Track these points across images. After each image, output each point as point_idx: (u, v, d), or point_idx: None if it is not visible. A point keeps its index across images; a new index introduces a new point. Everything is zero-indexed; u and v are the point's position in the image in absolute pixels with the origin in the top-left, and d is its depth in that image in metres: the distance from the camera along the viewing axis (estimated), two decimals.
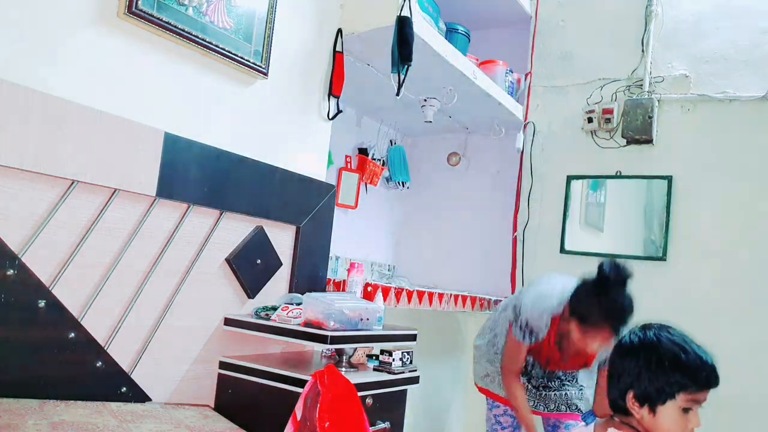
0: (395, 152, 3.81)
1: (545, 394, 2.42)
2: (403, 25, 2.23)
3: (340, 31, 2.47)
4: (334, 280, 2.43)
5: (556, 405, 2.41)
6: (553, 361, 2.30)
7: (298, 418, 1.51)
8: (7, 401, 1.41)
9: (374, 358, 2.14)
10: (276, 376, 1.82)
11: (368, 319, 1.92)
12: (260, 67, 2.09)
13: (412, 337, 2.11)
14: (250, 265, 2.07)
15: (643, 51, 3.21)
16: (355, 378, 1.80)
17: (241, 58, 2.01)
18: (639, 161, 3.16)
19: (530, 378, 2.43)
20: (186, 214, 1.86)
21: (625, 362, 1.38)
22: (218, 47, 1.93)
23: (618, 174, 3.22)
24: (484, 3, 3.39)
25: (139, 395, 1.73)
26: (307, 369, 1.90)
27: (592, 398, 2.39)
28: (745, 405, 2.73)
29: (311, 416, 1.45)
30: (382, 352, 2.08)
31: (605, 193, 3.27)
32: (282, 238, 2.21)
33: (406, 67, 2.25)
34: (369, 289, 2.29)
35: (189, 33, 1.83)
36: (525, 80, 3.52)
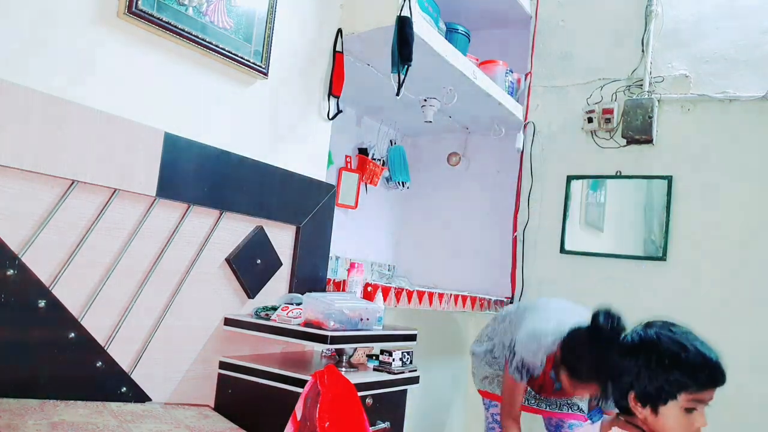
0: (395, 152, 3.81)
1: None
2: (403, 25, 2.23)
3: (340, 31, 2.47)
4: (334, 280, 2.43)
5: (558, 405, 2.42)
6: (546, 392, 2.30)
7: (298, 418, 1.51)
8: (7, 401, 1.41)
9: (374, 358, 2.14)
10: (276, 376, 1.82)
11: (368, 319, 1.92)
12: (260, 67, 2.09)
13: (412, 337, 2.11)
14: (250, 265, 2.07)
15: (643, 51, 3.21)
16: (355, 378, 1.80)
17: (241, 58, 2.01)
18: (639, 161, 3.16)
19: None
20: (186, 214, 1.86)
21: (626, 361, 1.35)
22: (218, 47, 1.93)
23: (618, 174, 3.22)
24: (484, 3, 3.39)
25: (139, 395, 1.73)
26: (307, 369, 1.90)
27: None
28: (746, 405, 2.72)
29: (311, 416, 1.45)
30: (382, 352, 2.08)
31: (605, 193, 3.27)
32: (282, 238, 2.21)
33: (406, 67, 2.25)
34: (369, 289, 2.29)
35: (189, 33, 1.84)
36: (525, 80, 3.52)
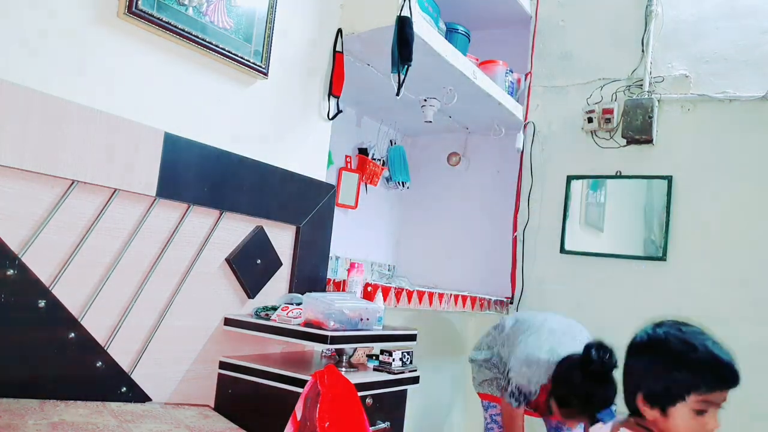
0: (395, 152, 3.82)
1: None
2: (403, 25, 2.23)
3: (340, 31, 2.47)
4: (334, 280, 2.43)
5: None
6: (541, 413, 2.32)
7: (298, 418, 1.51)
8: (7, 401, 1.41)
9: (374, 358, 2.14)
10: (276, 376, 1.82)
11: (368, 319, 1.92)
12: (260, 67, 2.09)
13: (412, 337, 2.11)
14: (250, 265, 2.07)
15: (643, 51, 3.21)
16: (355, 378, 1.80)
17: (241, 58, 2.01)
18: (639, 161, 3.16)
19: None
20: (186, 214, 1.86)
21: (634, 362, 1.31)
22: (218, 47, 1.93)
23: (618, 174, 3.22)
24: (484, 3, 3.39)
25: (139, 395, 1.73)
26: (307, 369, 1.90)
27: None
28: (746, 405, 2.71)
29: (311, 416, 1.45)
30: (382, 352, 2.08)
31: (605, 193, 3.27)
32: (282, 238, 2.21)
33: (406, 67, 2.25)
34: (369, 289, 2.29)
35: (189, 33, 1.83)
36: (525, 80, 3.52)
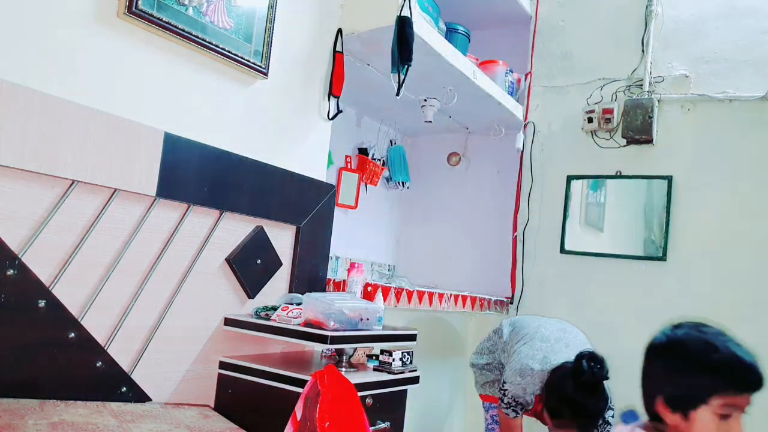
0: (395, 152, 3.82)
1: None
2: (403, 25, 2.23)
3: (340, 31, 2.47)
4: (334, 280, 2.43)
5: None
6: (541, 420, 2.32)
7: (298, 418, 1.51)
8: (7, 401, 1.41)
9: (374, 358, 2.14)
10: (276, 376, 1.82)
11: (368, 319, 1.92)
12: (260, 67, 2.09)
13: (412, 337, 2.11)
14: (250, 265, 2.07)
15: (643, 51, 3.21)
16: (355, 378, 1.80)
17: (241, 58, 2.01)
18: (639, 161, 3.16)
19: None
20: (186, 214, 1.86)
21: (652, 364, 1.25)
22: (218, 47, 1.93)
23: (618, 174, 3.22)
24: (484, 3, 3.39)
25: (139, 395, 1.73)
26: (307, 369, 1.90)
27: None
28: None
29: (311, 416, 1.45)
30: (382, 352, 2.08)
31: (605, 193, 3.27)
32: (282, 238, 2.21)
33: (406, 67, 2.25)
34: (369, 289, 2.29)
35: (189, 33, 1.83)
36: (525, 80, 3.52)
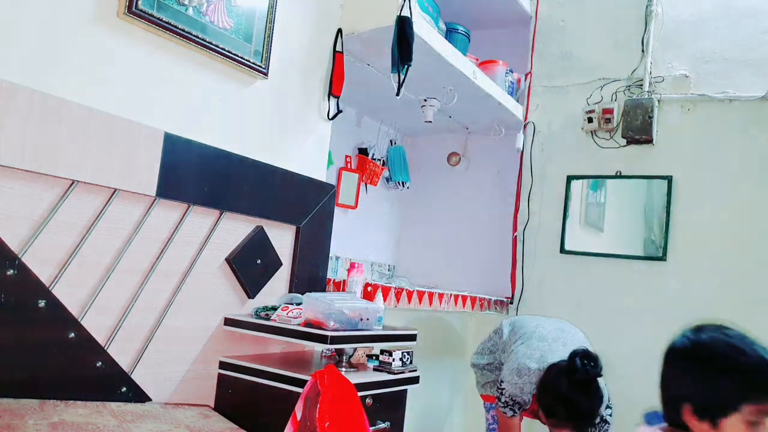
0: (395, 152, 3.82)
1: None
2: (403, 25, 2.23)
3: (340, 31, 2.47)
4: (334, 280, 2.43)
5: None
6: (538, 419, 2.32)
7: (298, 418, 1.51)
8: (7, 401, 1.41)
9: (374, 358, 2.14)
10: (276, 376, 1.82)
11: (368, 319, 1.92)
12: (260, 67, 2.09)
13: (412, 337, 2.11)
14: (250, 265, 2.07)
15: (643, 51, 3.21)
16: (355, 378, 1.80)
17: (241, 58, 2.01)
18: (639, 161, 3.16)
19: None
20: (186, 214, 1.86)
21: (677, 370, 1.21)
22: (218, 47, 1.93)
23: (618, 174, 3.22)
24: (484, 3, 3.39)
25: (139, 395, 1.73)
26: (307, 369, 1.90)
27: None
28: None
29: (311, 416, 1.45)
30: (382, 352, 2.08)
31: (605, 193, 3.27)
32: (282, 238, 2.21)
33: (406, 67, 2.25)
34: (369, 289, 2.29)
35: (189, 33, 1.83)
36: (525, 80, 3.52)
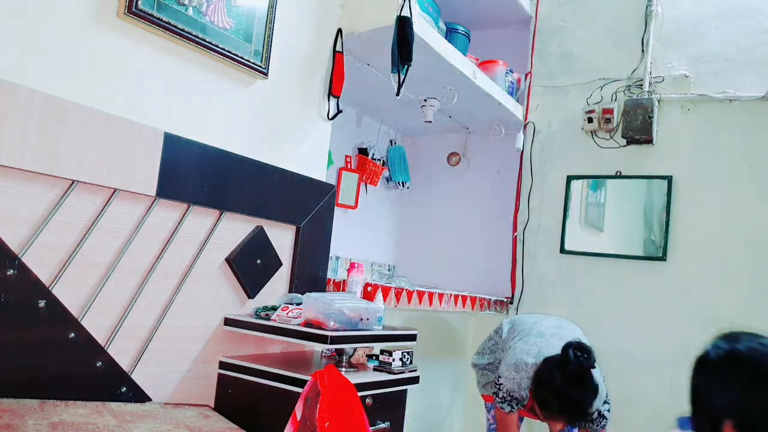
0: (395, 152, 3.82)
1: None
2: (403, 25, 2.23)
3: (340, 31, 2.47)
4: (334, 280, 2.43)
5: None
6: (535, 415, 2.31)
7: (298, 418, 1.51)
8: (7, 401, 1.41)
9: (374, 358, 2.14)
10: (276, 376, 1.82)
11: (368, 319, 1.92)
12: (260, 67, 2.09)
13: (412, 337, 2.11)
14: (250, 265, 2.07)
15: (643, 51, 3.21)
16: (355, 378, 1.80)
17: (241, 58, 2.01)
18: (639, 161, 3.16)
19: None
20: (186, 214, 1.86)
21: (713, 383, 1.13)
22: (218, 47, 1.93)
23: (618, 174, 3.22)
24: (484, 3, 3.39)
25: (139, 395, 1.73)
26: (307, 369, 1.90)
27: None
28: None
29: (311, 416, 1.45)
30: (382, 352, 2.08)
31: (605, 193, 3.27)
32: (282, 238, 2.21)
33: (406, 67, 2.25)
34: (369, 289, 2.29)
35: (189, 33, 1.83)
36: (525, 80, 3.52)
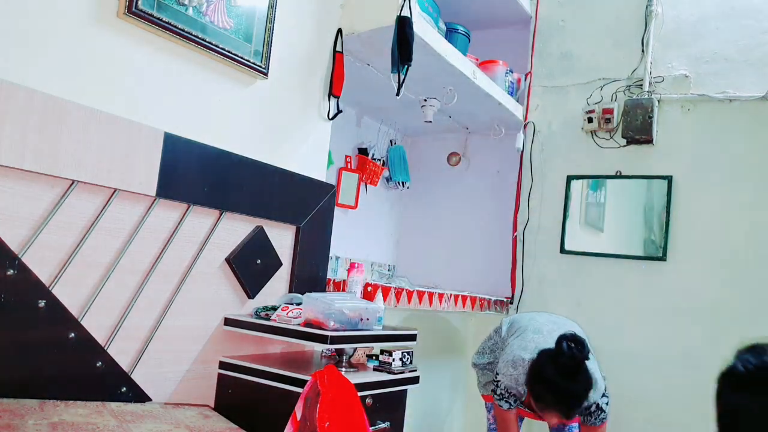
0: (395, 152, 3.82)
1: None
2: (403, 25, 2.23)
3: (340, 31, 2.47)
4: (334, 280, 2.43)
5: None
6: (533, 411, 2.31)
7: (298, 418, 1.51)
8: (7, 401, 1.41)
9: (374, 358, 2.14)
10: (276, 376, 1.82)
11: (368, 319, 1.92)
12: (260, 67, 2.09)
13: (412, 337, 2.11)
14: (250, 265, 2.07)
15: (643, 51, 3.21)
16: (355, 378, 1.80)
17: (241, 58, 2.01)
18: (639, 161, 3.16)
19: None
20: (186, 214, 1.86)
21: (744, 400, 1.07)
22: (218, 47, 1.93)
23: (618, 174, 3.22)
24: (484, 3, 3.39)
25: (139, 395, 1.73)
26: (307, 369, 1.90)
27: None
28: None
29: (311, 416, 1.45)
30: (382, 352, 2.08)
31: (605, 193, 3.27)
32: (282, 238, 2.21)
33: (406, 67, 2.25)
34: (369, 289, 2.29)
35: (189, 33, 1.83)
36: (525, 80, 3.52)
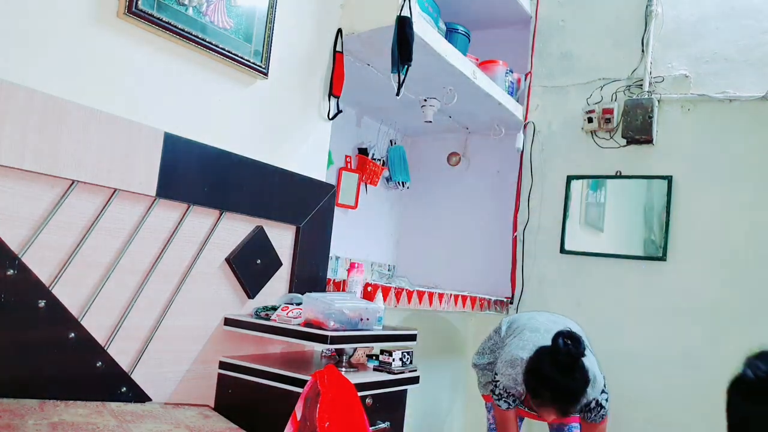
0: (395, 152, 3.82)
1: None
2: (403, 25, 2.23)
3: (340, 31, 2.47)
4: (334, 280, 2.43)
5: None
6: (532, 411, 2.30)
7: (298, 418, 1.51)
8: (7, 401, 1.41)
9: (374, 358, 2.14)
10: (276, 376, 1.82)
11: (368, 319, 1.92)
12: (260, 67, 2.09)
13: (412, 337, 2.11)
14: (250, 265, 2.07)
15: (643, 51, 3.21)
16: (355, 378, 1.80)
17: (241, 58, 2.01)
18: (639, 161, 3.16)
19: None
20: (186, 214, 1.86)
21: (761, 408, 1.06)
22: (218, 47, 1.93)
23: (618, 174, 3.22)
24: (484, 3, 3.39)
25: (139, 395, 1.73)
26: (307, 369, 1.90)
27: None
28: None
29: (311, 416, 1.45)
30: (382, 352, 2.08)
31: (605, 193, 3.27)
32: (282, 238, 2.21)
33: (406, 67, 2.25)
34: (369, 289, 2.29)
35: (189, 33, 1.83)
36: (525, 80, 3.52)
